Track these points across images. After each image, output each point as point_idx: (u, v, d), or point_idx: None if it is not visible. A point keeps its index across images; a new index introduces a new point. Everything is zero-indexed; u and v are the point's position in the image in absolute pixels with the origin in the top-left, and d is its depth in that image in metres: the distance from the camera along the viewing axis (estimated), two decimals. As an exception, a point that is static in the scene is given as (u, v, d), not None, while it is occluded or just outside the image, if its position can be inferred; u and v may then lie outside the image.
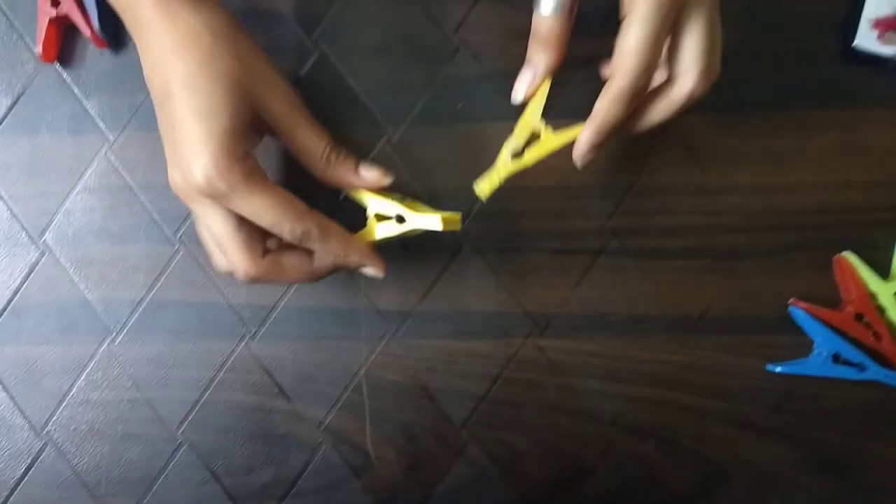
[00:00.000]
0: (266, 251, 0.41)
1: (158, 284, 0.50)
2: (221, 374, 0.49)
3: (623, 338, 0.48)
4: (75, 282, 0.50)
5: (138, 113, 0.50)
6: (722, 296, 0.48)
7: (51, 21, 0.50)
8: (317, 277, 0.43)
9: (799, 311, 0.47)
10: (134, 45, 0.50)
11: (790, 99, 0.47)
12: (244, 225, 0.40)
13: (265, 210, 0.39)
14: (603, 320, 0.48)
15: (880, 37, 0.45)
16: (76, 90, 0.51)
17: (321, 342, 0.49)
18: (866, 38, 0.46)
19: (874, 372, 0.46)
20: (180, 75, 0.38)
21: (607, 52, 0.38)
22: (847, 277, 0.46)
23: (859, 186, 0.47)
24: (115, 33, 0.50)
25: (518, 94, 0.42)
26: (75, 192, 0.50)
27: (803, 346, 0.47)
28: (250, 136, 0.40)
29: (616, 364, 0.48)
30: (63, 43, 0.51)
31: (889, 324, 0.46)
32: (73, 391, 0.50)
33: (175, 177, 0.39)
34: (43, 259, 0.50)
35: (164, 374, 0.50)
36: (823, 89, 0.47)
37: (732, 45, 0.46)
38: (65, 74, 0.51)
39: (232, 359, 0.49)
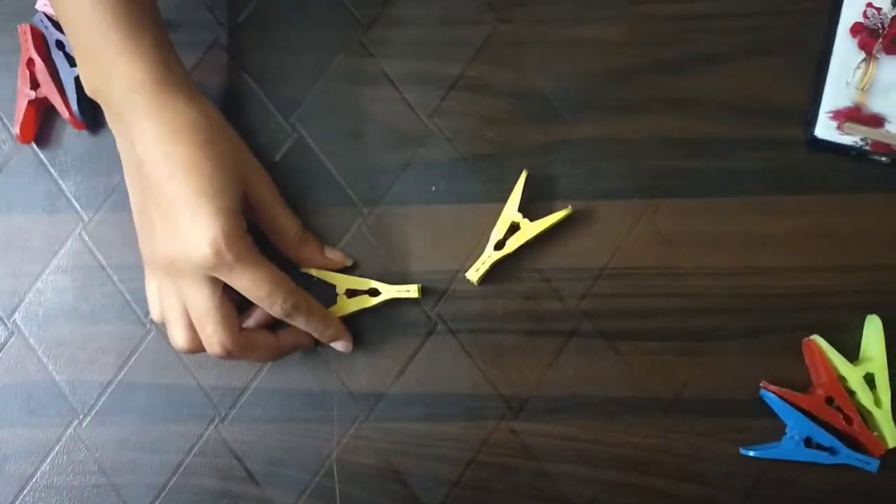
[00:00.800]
0: (240, 328, 0.43)
1: (128, 366, 0.49)
2: (190, 458, 0.49)
3: (597, 420, 0.48)
4: (44, 363, 0.50)
5: (114, 194, 0.51)
6: (695, 378, 0.48)
7: (30, 103, 0.50)
8: (282, 355, 0.47)
9: (770, 395, 0.47)
10: (110, 129, 0.51)
11: (757, 185, 0.48)
12: (226, 301, 0.42)
13: (263, 282, 0.42)
14: (576, 402, 0.48)
15: (839, 127, 0.47)
16: (52, 170, 0.51)
17: (292, 425, 0.48)
18: (826, 129, 0.47)
19: (846, 456, 0.46)
20: (182, 159, 0.41)
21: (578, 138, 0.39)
22: (816, 361, 0.47)
23: (826, 270, 0.48)
24: (92, 115, 0.51)
25: None
26: (48, 272, 0.50)
27: (776, 430, 0.47)
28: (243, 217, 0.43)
29: (590, 448, 0.47)
30: (41, 124, 0.51)
31: (859, 407, 0.46)
32: (37, 476, 0.49)
33: (170, 250, 0.41)
34: (12, 339, 0.50)
35: (131, 458, 0.49)
36: (789, 176, 0.48)
37: (705, 133, 0.48)
38: (41, 155, 0.51)
39: (201, 442, 0.49)
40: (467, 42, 0.50)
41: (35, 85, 0.50)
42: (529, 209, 0.47)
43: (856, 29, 0.47)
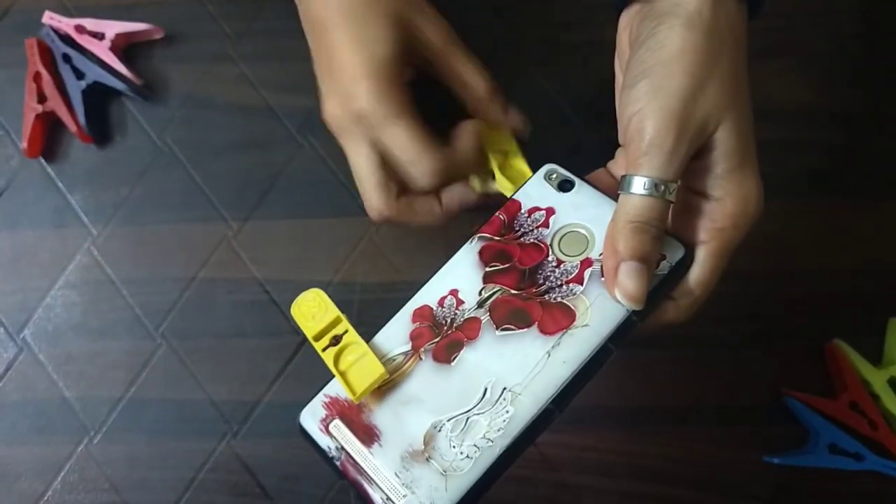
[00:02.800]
0: (400, 193, 0.41)
1: (139, 381, 0.49)
2: (202, 474, 0.48)
3: (616, 431, 0.47)
4: (54, 379, 0.49)
5: (122, 207, 0.50)
6: (715, 386, 0.47)
7: (37, 117, 0.50)
8: (448, 218, 0.43)
9: (794, 401, 0.46)
10: (118, 142, 0.51)
11: (775, 187, 0.47)
12: (385, 166, 0.40)
13: (409, 144, 0.39)
14: (596, 412, 0.47)
15: (324, 421, 0.35)
16: (60, 184, 0.51)
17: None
18: (313, 417, 0.36)
19: (872, 462, 0.46)
20: (335, 9, 0.39)
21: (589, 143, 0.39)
22: (840, 365, 0.46)
23: (848, 273, 0.47)
24: (100, 128, 0.51)
25: (637, 292, 0.33)
26: (56, 288, 0.50)
27: (798, 437, 0.46)
28: (406, 68, 0.40)
29: (610, 458, 0.47)
30: (48, 138, 0.51)
31: (884, 411, 0.46)
32: (49, 494, 0.48)
33: (331, 107, 0.40)
34: (21, 356, 0.50)
35: (142, 475, 0.48)
36: (808, 178, 0.48)
37: None
38: (49, 169, 0.51)
39: (213, 458, 0.48)
40: (474, 49, 0.49)
41: (42, 99, 0.50)
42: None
43: (421, 313, 0.36)
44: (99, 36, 0.51)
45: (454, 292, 0.36)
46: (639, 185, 0.33)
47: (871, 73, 0.50)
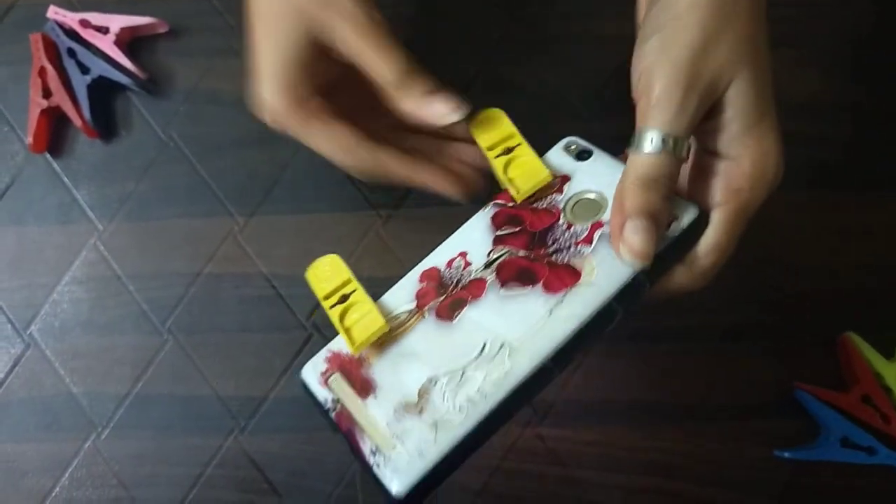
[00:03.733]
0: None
1: (146, 377, 0.49)
2: (209, 470, 0.48)
3: (623, 425, 0.47)
4: (60, 375, 0.49)
5: (128, 202, 0.50)
6: (724, 380, 0.47)
7: (42, 112, 0.50)
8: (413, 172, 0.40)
9: (805, 394, 0.46)
10: (124, 137, 0.51)
11: (785, 180, 0.47)
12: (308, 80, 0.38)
13: (330, 147, 0.38)
14: (603, 407, 0.47)
15: (324, 374, 0.35)
16: (66, 180, 0.51)
17: (313, 435, 0.48)
18: (314, 371, 0.36)
19: (885, 456, 0.45)
20: (257, 7, 0.38)
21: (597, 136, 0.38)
22: (852, 358, 0.46)
23: (859, 266, 0.47)
24: (105, 123, 0.51)
25: (644, 247, 0.32)
26: (63, 283, 0.50)
27: (808, 431, 0.46)
28: (326, 65, 0.38)
29: (616, 453, 0.47)
30: (53, 133, 0.51)
31: None
32: (56, 490, 0.49)
33: (254, 105, 0.39)
34: (28, 352, 0.50)
35: (150, 471, 0.48)
36: (819, 171, 0.48)
37: None
38: (55, 164, 0.51)
39: (220, 454, 0.48)
40: (483, 41, 0.50)
41: (47, 94, 0.50)
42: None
43: (429, 274, 0.36)
44: (103, 30, 0.50)
45: (463, 254, 0.36)
46: (647, 140, 0.32)
47: (879, 67, 0.49)
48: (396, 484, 0.30)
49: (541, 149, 0.42)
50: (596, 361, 0.47)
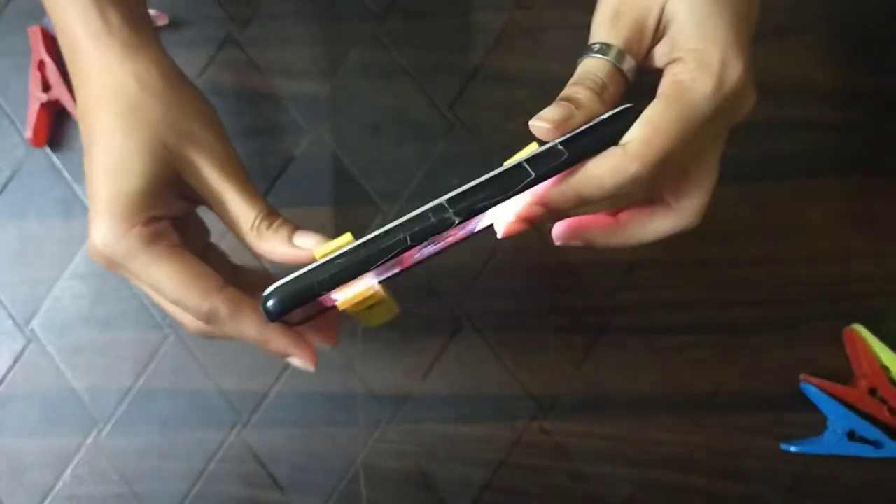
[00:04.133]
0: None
1: (147, 372, 0.49)
2: (212, 465, 0.48)
3: (631, 418, 0.47)
4: (62, 371, 0.49)
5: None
6: (732, 373, 0.47)
7: (42, 105, 0.50)
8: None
9: (811, 388, 0.46)
10: None
11: (793, 169, 0.47)
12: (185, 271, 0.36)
13: (165, 282, 0.35)
14: (610, 400, 0.47)
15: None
16: (66, 174, 0.50)
17: (316, 429, 0.48)
18: None
19: (891, 449, 0.45)
20: (98, 128, 0.35)
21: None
22: (858, 351, 0.46)
23: (867, 256, 0.47)
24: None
25: (546, 124, 0.33)
26: (64, 278, 0.50)
27: (817, 424, 0.46)
28: (169, 202, 0.36)
29: (625, 447, 0.46)
30: (53, 127, 0.51)
31: None
32: (58, 486, 0.48)
33: (88, 242, 0.36)
34: (29, 347, 0.49)
35: (153, 466, 0.48)
36: (827, 159, 0.47)
37: None
38: (55, 158, 0.51)
39: (223, 449, 0.48)
40: (486, 30, 0.49)
41: (47, 87, 0.50)
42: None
43: None
44: (103, 23, 0.50)
45: None
46: (587, 50, 0.35)
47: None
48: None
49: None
50: (601, 354, 0.47)
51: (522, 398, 0.47)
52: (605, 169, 0.32)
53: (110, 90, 0.36)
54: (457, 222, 0.32)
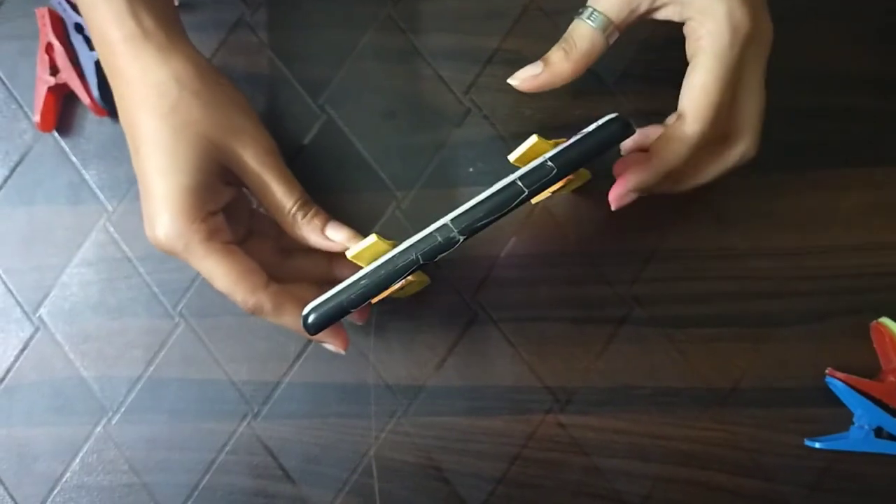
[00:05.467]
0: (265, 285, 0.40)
1: (157, 361, 0.48)
2: (222, 456, 0.47)
3: (650, 413, 0.46)
4: (71, 359, 0.49)
5: (138, 182, 0.49)
6: (754, 366, 0.46)
7: (49, 89, 0.49)
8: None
9: (836, 382, 0.45)
10: None
11: (819, 157, 0.46)
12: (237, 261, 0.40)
13: (219, 277, 0.39)
14: (628, 394, 0.46)
15: None
16: (75, 159, 0.50)
17: (328, 420, 0.47)
18: None
19: (920, 447, 0.44)
20: (145, 130, 0.38)
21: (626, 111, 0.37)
22: (886, 345, 0.45)
23: (895, 248, 0.46)
24: (114, 101, 0.49)
25: (516, 81, 0.41)
26: (72, 265, 0.49)
27: (842, 419, 0.45)
28: (219, 192, 0.40)
29: (643, 441, 0.46)
30: (62, 111, 0.50)
31: None
32: (67, 475, 0.48)
33: (147, 229, 0.39)
34: (37, 335, 0.49)
35: (162, 456, 0.48)
36: (853, 146, 0.46)
37: None
38: (63, 143, 0.50)
39: (234, 440, 0.48)
40: (503, 13, 0.48)
41: (55, 70, 0.49)
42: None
43: None
44: (112, 5, 0.49)
45: None
46: (578, 13, 0.39)
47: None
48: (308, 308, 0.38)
49: (566, 129, 0.41)
50: (621, 346, 0.46)
51: (538, 391, 0.46)
52: (675, 141, 0.38)
53: (152, 92, 0.38)
54: (461, 240, 0.36)
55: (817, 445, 0.45)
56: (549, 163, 0.35)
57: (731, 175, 0.41)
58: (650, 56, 0.47)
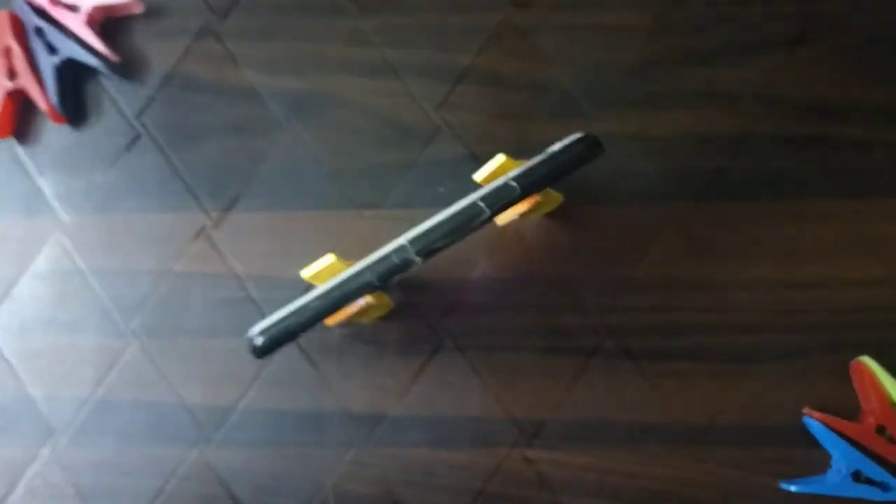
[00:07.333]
0: None
1: (108, 381, 0.47)
2: (172, 483, 0.46)
3: (621, 449, 0.45)
4: (18, 376, 0.47)
5: (95, 193, 0.48)
6: (730, 403, 0.44)
7: (7, 94, 0.48)
8: None
9: (814, 423, 0.43)
10: (93, 123, 0.49)
11: (802, 187, 0.45)
12: None
13: None
14: (598, 429, 0.45)
15: None
16: (31, 168, 0.48)
17: (284, 449, 0.46)
18: None
19: (901, 492, 0.42)
20: None
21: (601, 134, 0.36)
22: (866, 385, 0.43)
23: (879, 283, 0.45)
24: (74, 108, 0.48)
25: None
26: (24, 278, 0.48)
27: (820, 461, 0.43)
28: None
29: (613, 479, 0.44)
30: (19, 118, 0.49)
31: None
32: (10, 499, 0.47)
33: None
34: (-16, 350, 0.47)
35: (109, 482, 0.46)
36: (837, 177, 0.45)
37: (738, 129, 0.45)
38: (20, 151, 0.49)
39: (184, 467, 0.46)
40: (478, 29, 0.48)
41: (13, 75, 0.48)
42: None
43: None
44: (74, 9, 0.48)
45: None
46: None
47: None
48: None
49: (539, 150, 0.40)
50: (592, 379, 0.45)
51: (505, 423, 0.45)
52: None
53: None
54: (419, 262, 0.35)
55: (793, 489, 0.43)
56: (513, 182, 0.34)
57: (698, 199, 0.41)
58: (627, 78, 0.46)
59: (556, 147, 0.35)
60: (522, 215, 0.43)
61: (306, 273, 0.39)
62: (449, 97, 0.47)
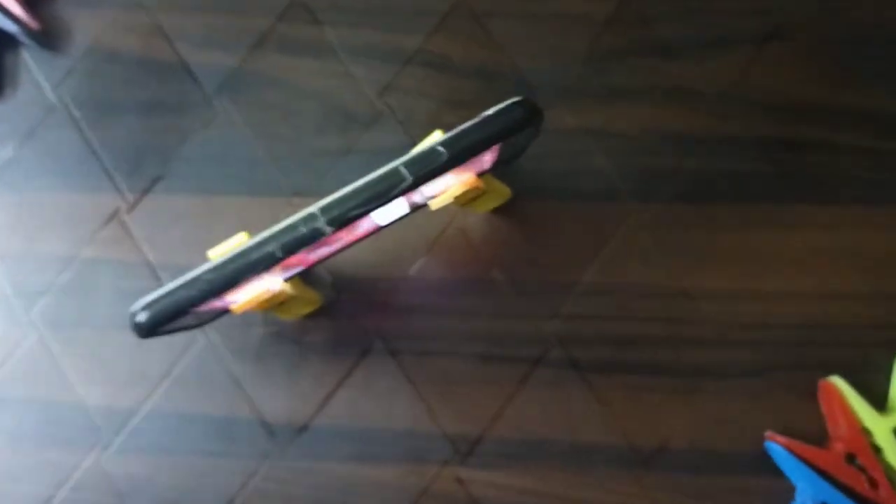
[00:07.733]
0: None
1: (0, 375, 0.44)
2: (63, 492, 0.43)
3: (563, 471, 0.42)
4: None
5: (4, 170, 0.47)
6: (684, 424, 0.42)
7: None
8: None
9: (777, 448, 0.41)
10: (7, 94, 0.47)
11: (767, 190, 0.44)
12: None
13: None
14: (539, 448, 0.42)
15: None
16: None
17: (190, 459, 0.43)
18: None
19: (870, 529, 0.40)
20: None
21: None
22: (835, 408, 0.41)
23: (849, 297, 0.43)
24: (-15, 77, 0.46)
25: None
26: (-83, 259, 0.45)
27: (782, 491, 0.41)
28: None
29: (553, 504, 0.42)
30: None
31: (886, 467, 0.40)
32: None
33: None
34: None
35: (-7, 488, 0.43)
36: (806, 181, 0.44)
37: (703, 128, 0.44)
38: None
39: (77, 474, 0.43)
40: (430, 11, 0.46)
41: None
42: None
43: None
44: (-7, -29, 0.45)
45: None
46: None
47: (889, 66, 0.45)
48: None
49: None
50: (534, 391, 0.43)
51: (437, 438, 0.42)
52: None
53: None
54: (329, 232, 0.32)
55: (752, 521, 0.40)
56: (440, 147, 0.32)
57: (656, 200, 0.39)
58: (584, 70, 0.45)
59: (491, 111, 0.32)
60: (462, 204, 0.40)
61: (214, 251, 0.36)
62: (394, 81, 0.46)
